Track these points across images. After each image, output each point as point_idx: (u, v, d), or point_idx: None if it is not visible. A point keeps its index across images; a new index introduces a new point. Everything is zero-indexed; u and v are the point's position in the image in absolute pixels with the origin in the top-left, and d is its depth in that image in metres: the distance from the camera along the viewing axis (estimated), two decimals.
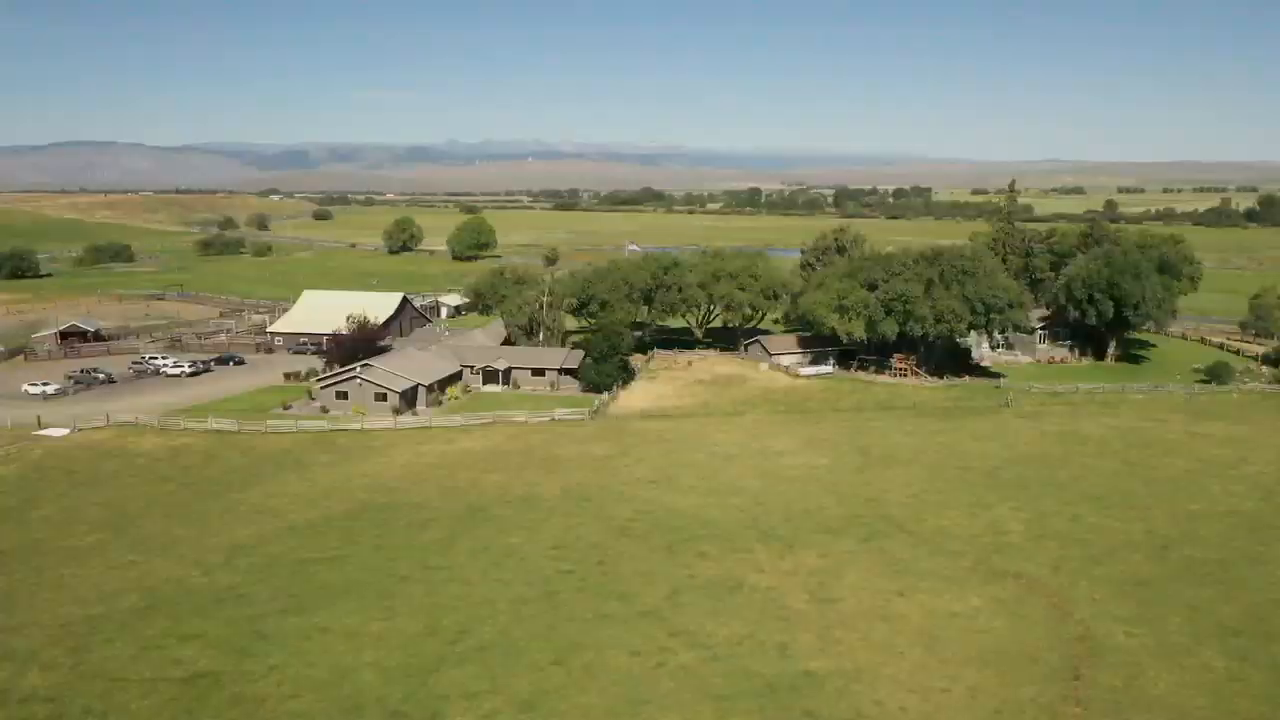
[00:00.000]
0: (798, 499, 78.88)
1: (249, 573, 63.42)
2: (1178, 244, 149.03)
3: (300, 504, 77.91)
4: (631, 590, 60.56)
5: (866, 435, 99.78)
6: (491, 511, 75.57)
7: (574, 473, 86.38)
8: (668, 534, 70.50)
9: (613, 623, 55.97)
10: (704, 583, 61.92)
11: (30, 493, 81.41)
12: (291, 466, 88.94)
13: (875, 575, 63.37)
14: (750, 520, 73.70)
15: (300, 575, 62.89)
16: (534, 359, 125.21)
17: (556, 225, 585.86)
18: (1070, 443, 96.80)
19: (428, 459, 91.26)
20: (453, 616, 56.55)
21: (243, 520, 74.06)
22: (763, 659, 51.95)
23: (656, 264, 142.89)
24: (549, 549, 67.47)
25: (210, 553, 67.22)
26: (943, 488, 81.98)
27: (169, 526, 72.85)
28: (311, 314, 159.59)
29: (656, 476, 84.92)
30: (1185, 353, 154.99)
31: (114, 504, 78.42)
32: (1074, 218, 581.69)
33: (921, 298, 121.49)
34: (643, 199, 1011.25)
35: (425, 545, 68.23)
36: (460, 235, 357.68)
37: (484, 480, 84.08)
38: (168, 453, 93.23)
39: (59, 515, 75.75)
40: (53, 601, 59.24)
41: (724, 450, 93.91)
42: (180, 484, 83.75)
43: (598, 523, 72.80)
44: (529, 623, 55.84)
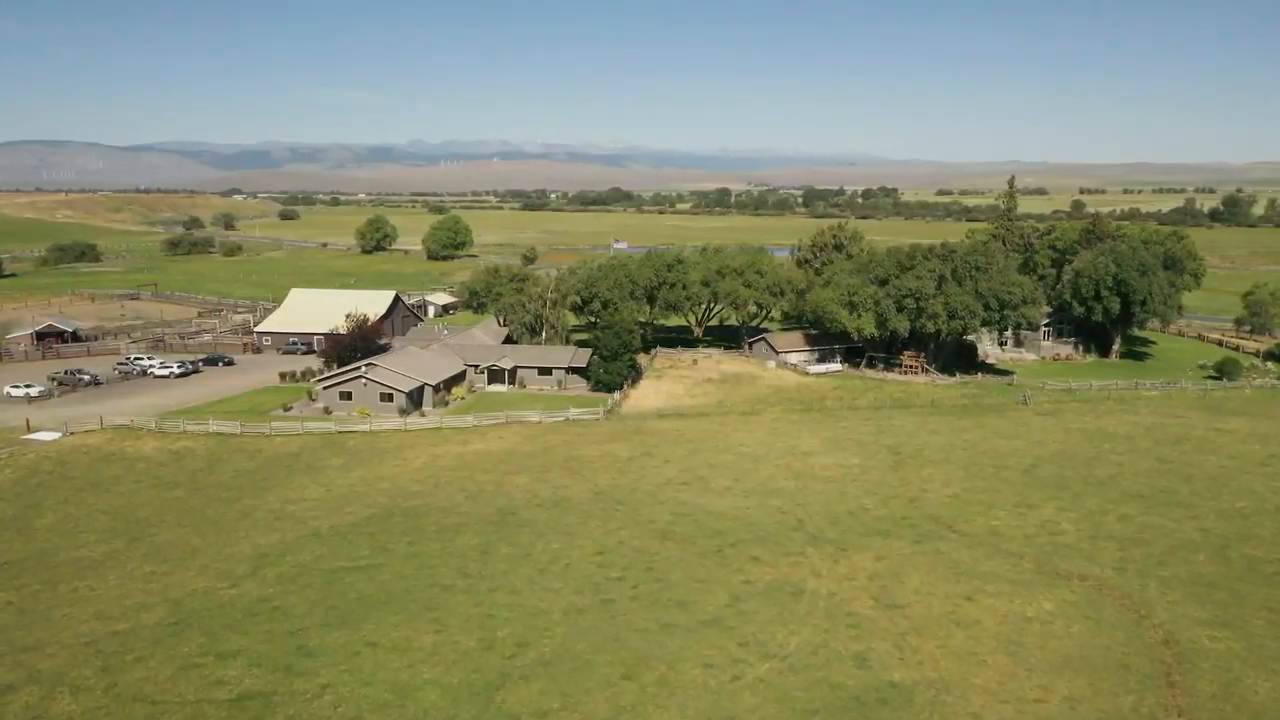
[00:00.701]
0: (837, 500, 76.40)
1: (279, 584, 59.69)
2: (1181, 240, 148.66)
3: (321, 509, 74.15)
4: (689, 598, 57.61)
5: (891, 434, 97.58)
6: (523, 515, 72.29)
7: (600, 474, 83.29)
8: (712, 538, 67.67)
9: (677, 633, 53.00)
10: (762, 589, 59.13)
11: (29, 500, 76.95)
12: (303, 470, 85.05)
13: (937, 579, 60.92)
14: (794, 522, 71.05)
15: (335, 586, 59.27)
16: (540, 358, 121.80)
17: (527, 225, 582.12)
18: (1097, 440, 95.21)
19: (444, 461, 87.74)
20: (507, 628, 53.27)
21: (262, 527, 70.20)
22: (842, 669, 49.24)
23: (660, 261, 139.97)
24: (593, 555, 64.35)
25: (234, 562, 63.38)
26: (983, 487, 79.87)
27: (185, 535, 68.83)
28: (300, 313, 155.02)
29: (687, 478, 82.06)
30: (1186, 350, 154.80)
31: (121, 511, 74.22)
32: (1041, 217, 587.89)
33: (934, 294, 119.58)
34: (611, 199, 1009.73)
35: (461, 552, 64.82)
36: (436, 234, 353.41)
37: (508, 483, 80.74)
38: (170, 457, 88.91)
39: (64, 524, 71.50)
40: (72, 617, 55.23)
41: (750, 450, 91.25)
42: (189, 489, 79.62)
43: (637, 527, 69.78)
44: (589, 634, 52.70)
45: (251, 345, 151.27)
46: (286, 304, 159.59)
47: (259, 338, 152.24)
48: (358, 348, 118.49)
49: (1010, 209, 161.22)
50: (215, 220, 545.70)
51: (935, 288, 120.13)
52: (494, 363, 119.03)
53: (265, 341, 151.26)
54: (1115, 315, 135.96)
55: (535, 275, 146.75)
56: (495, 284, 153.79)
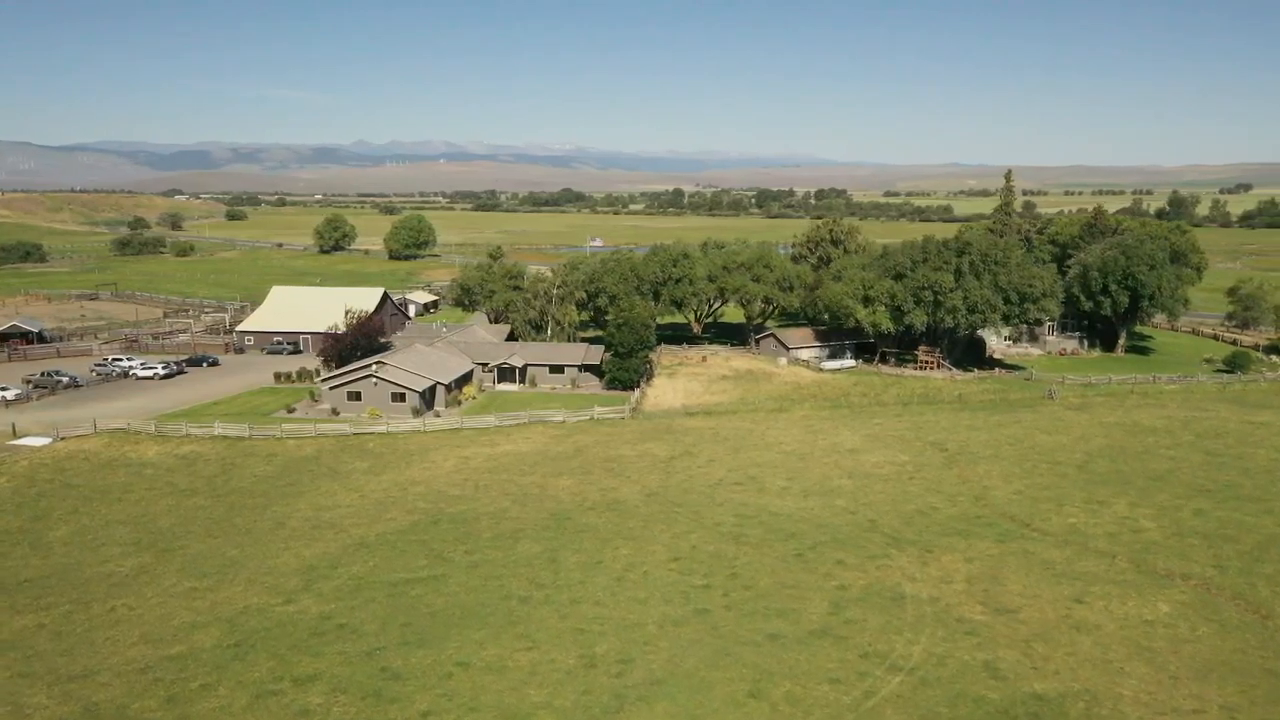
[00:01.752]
0: (902, 499, 73.10)
1: (339, 598, 54.62)
2: (1184, 234, 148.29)
3: (359, 516, 68.97)
4: (787, 606, 53.72)
5: (929, 430, 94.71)
6: (579, 520, 67.85)
7: (646, 475, 79.09)
8: (787, 541, 63.88)
9: (787, 644, 49.07)
10: (859, 594, 55.46)
11: (35, 511, 70.67)
12: (327, 475, 79.63)
13: (1037, 581, 57.78)
14: (866, 523, 67.54)
15: (401, 600, 54.37)
16: (552, 355, 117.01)
17: (484, 225, 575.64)
18: (1138, 435, 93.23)
19: (476, 463, 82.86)
20: (604, 644, 48.90)
21: (302, 537, 64.88)
22: (977, 681, 45.69)
23: (666, 256, 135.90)
24: (668, 561, 60.17)
25: (281, 576, 58.11)
26: (1044, 483, 77.11)
27: (218, 546, 63.28)
28: (283, 312, 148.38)
29: (739, 478, 78.18)
30: (1185, 345, 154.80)
31: (141, 521, 68.32)
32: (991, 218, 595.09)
33: (953, 287, 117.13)
34: (563, 199, 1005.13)
35: (526, 560, 60.23)
36: (398, 234, 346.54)
37: (552, 485, 76.19)
38: (178, 462, 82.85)
39: (81, 536, 65.50)
40: (117, 640, 49.67)
41: (792, 448, 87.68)
42: (209, 496, 73.84)
43: (704, 530, 65.72)
44: (695, 648, 48.53)
45: (233, 345, 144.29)
46: (268, 303, 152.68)
47: (241, 337, 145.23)
48: (359, 346, 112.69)
49: (1008, 204, 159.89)
50: (161, 220, 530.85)
51: (954, 281, 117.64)
52: (504, 361, 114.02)
53: (248, 341, 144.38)
54: (1124, 309, 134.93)
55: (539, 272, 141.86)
56: (489, 280, 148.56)
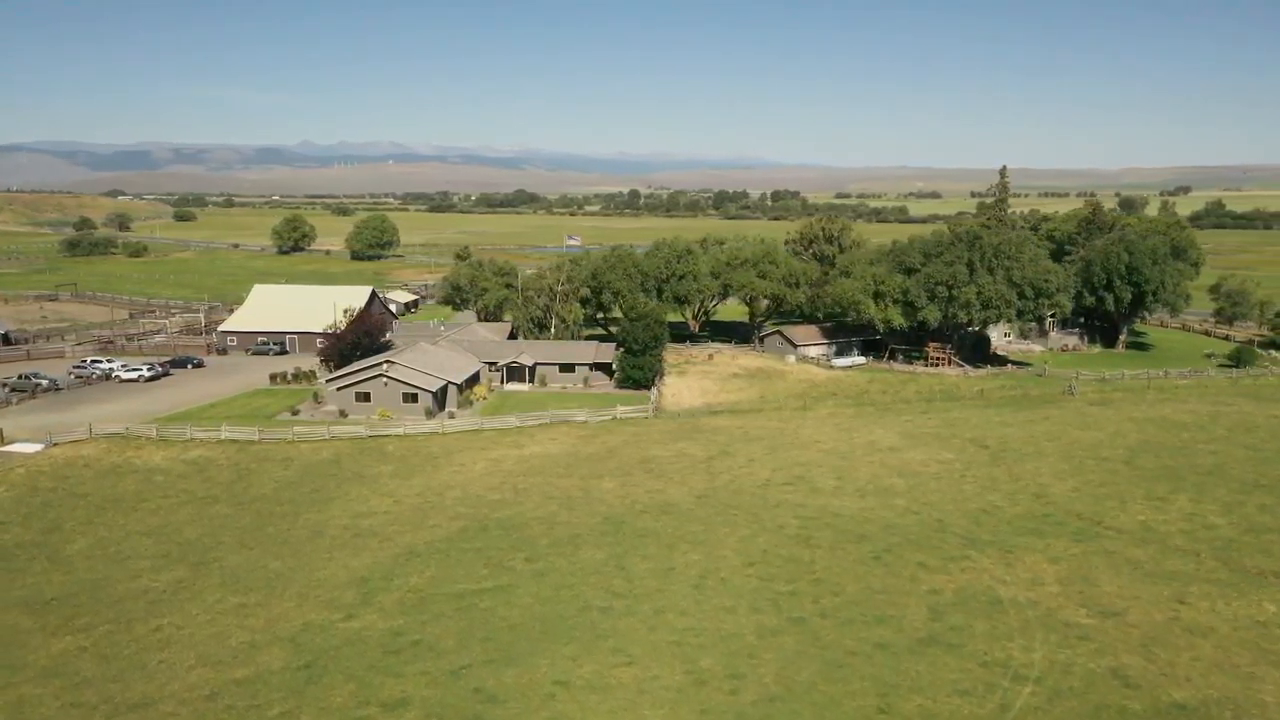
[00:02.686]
0: (961, 498, 70.55)
1: (405, 613, 50.52)
2: (1183, 229, 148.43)
3: (400, 523, 64.73)
4: (885, 613, 50.72)
5: (961, 427, 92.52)
6: (635, 524, 64.31)
7: (689, 476, 75.71)
8: (859, 543, 60.94)
9: (900, 654, 46.04)
10: (954, 599, 52.63)
11: (44, 522, 65.37)
12: (352, 480, 75.13)
13: (1129, 581, 55.41)
14: (934, 523, 64.87)
15: (472, 613, 50.43)
16: (562, 354, 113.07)
17: (442, 226, 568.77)
18: (1171, 430, 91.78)
19: (506, 465, 78.89)
20: (707, 658, 45.46)
21: (345, 546, 60.53)
22: (1111, 690, 43.03)
23: (669, 252, 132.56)
24: (744, 567, 56.90)
25: (333, 589, 53.82)
26: (1099, 480, 75.03)
27: (256, 558, 58.71)
28: (267, 311, 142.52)
29: (786, 478, 75.13)
30: (1179, 340, 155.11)
31: (164, 532, 63.39)
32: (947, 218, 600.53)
33: (967, 282, 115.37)
34: (517, 200, 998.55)
35: (594, 568, 56.59)
36: (361, 234, 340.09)
37: (595, 488, 72.51)
38: (188, 468, 77.76)
39: (102, 549, 60.47)
40: (172, 664, 45.14)
41: (830, 447, 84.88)
42: (232, 504, 69.00)
43: (770, 534, 62.55)
44: (803, 660, 45.31)
45: (215, 346, 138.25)
46: (250, 302, 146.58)
47: (223, 338, 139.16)
48: (360, 345, 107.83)
49: (1003, 200, 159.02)
50: (108, 221, 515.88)
51: (968, 275, 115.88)
52: (513, 359, 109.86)
53: (230, 342, 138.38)
54: (1127, 304, 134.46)
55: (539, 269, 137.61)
56: (481, 278, 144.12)
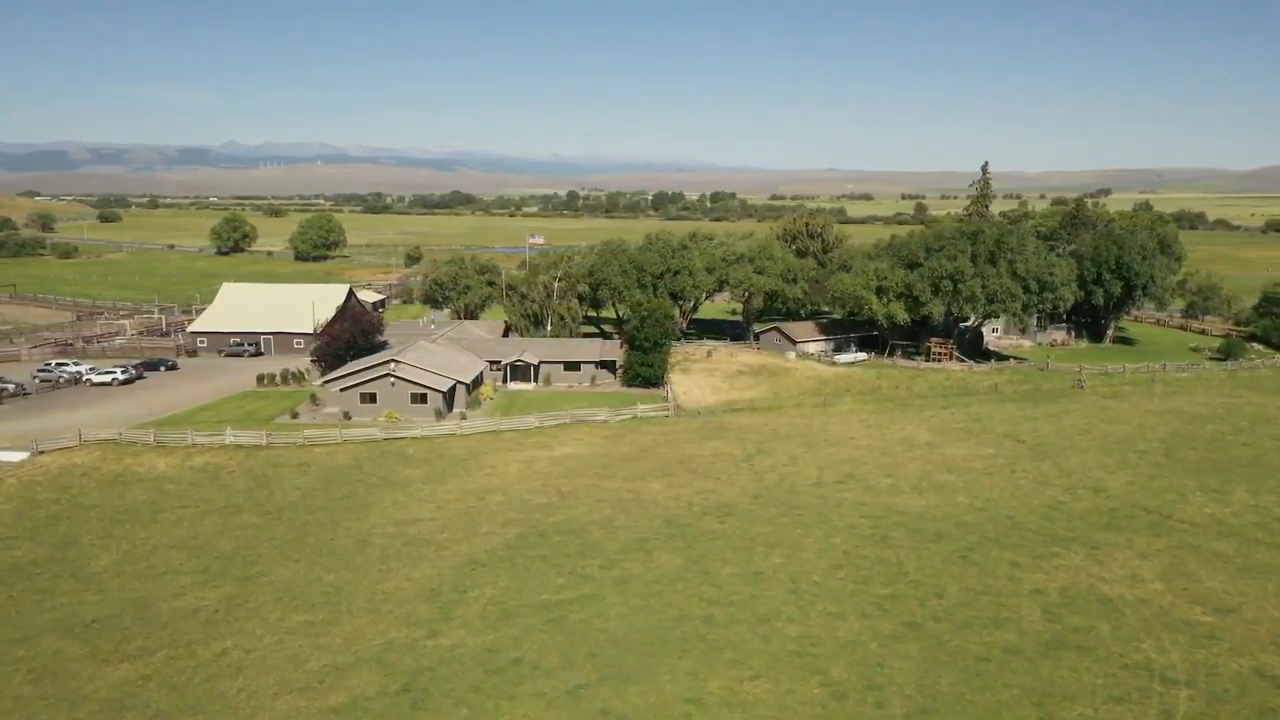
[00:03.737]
0: (1020, 493, 68.55)
1: (491, 628, 46.52)
2: (1166, 224, 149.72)
3: (451, 531, 60.53)
4: (999, 615, 48.19)
5: (989, 422, 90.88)
6: (699, 527, 61.01)
7: (735, 476, 72.61)
8: (938, 541, 58.47)
9: (1033, 659, 43.50)
10: (1061, 598, 50.32)
11: (57, 537, 59.75)
12: (381, 485, 70.51)
13: (1229, 576, 53.76)
14: (1005, 520, 62.71)
15: (563, 625, 46.64)
16: (567, 351, 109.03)
17: (383, 227, 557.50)
18: (1194, 422, 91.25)
19: (540, 467, 74.96)
20: (835, 668, 42.40)
21: (398, 557, 56.19)
22: (1267, 691, 41.04)
23: (665, 247, 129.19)
24: (831, 569, 53.98)
25: (404, 603, 49.55)
26: (1148, 473, 73.69)
27: (306, 571, 54.08)
28: (238, 311, 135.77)
29: (836, 476, 72.44)
30: (1159, 335, 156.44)
31: (194, 545, 58.29)
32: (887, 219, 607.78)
33: (973, 275, 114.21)
34: (453, 201, 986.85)
35: (675, 574, 53.17)
36: (306, 234, 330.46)
37: (643, 489, 68.99)
38: (199, 475, 72.32)
39: (130, 565, 55.24)
40: (254, 691, 40.59)
41: (866, 443, 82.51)
42: (259, 514, 63.97)
43: (844, 533, 59.76)
44: (937, 668, 42.51)
45: (184, 347, 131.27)
46: (220, 302, 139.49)
47: (193, 339, 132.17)
48: (356, 345, 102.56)
49: (985, 195, 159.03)
50: (30, 222, 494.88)
51: (973, 269, 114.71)
52: (518, 358, 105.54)
53: (201, 343, 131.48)
54: (1116, 298, 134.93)
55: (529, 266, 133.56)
56: (462, 276, 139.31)
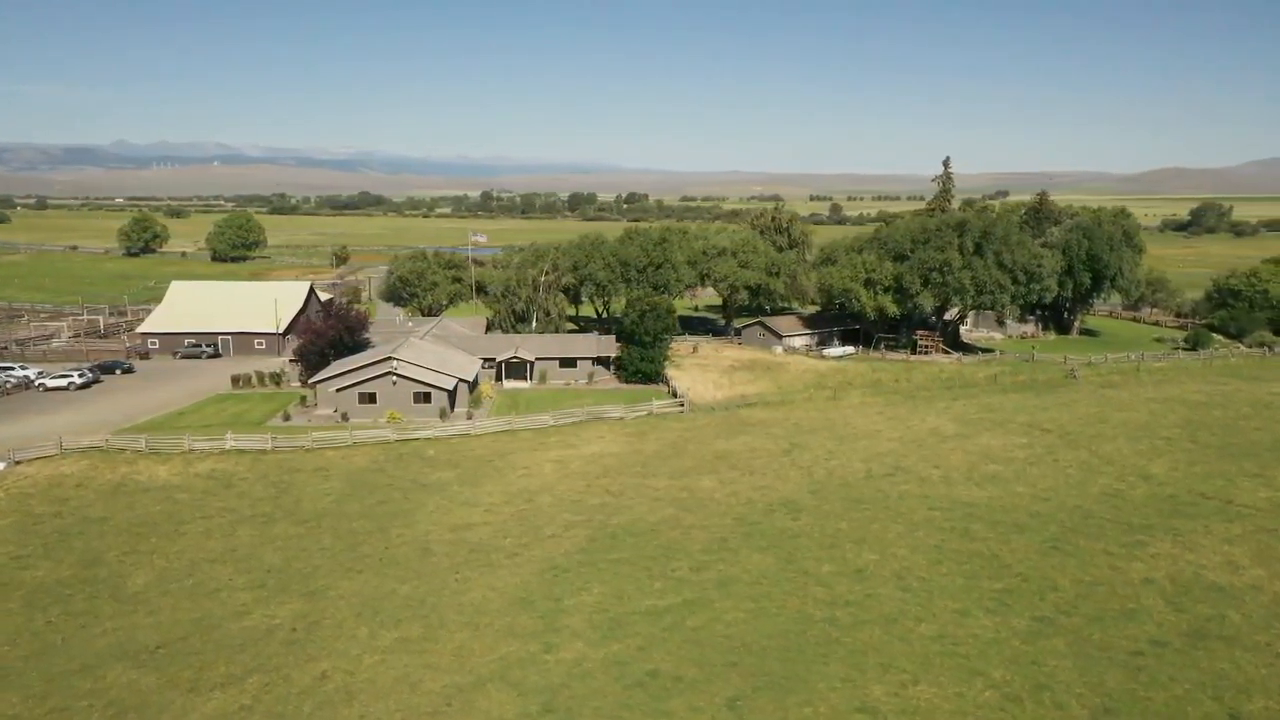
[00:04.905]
0: (1073, 483, 67.43)
1: (608, 639, 42.95)
2: (1128, 217, 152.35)
3: (514, 535, 56.56)
4: (1123, 606, 46.64)
5: (1005, 412, 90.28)
6: (772, 524, 58.25)
7: (782, 471, 70.02)
8: (1022, 533, 56.81)
9: (1183, 651, 42.01)
10: (1175, 587, 49.01)
11: (76, 554, 53.84)
12: (414, 489, 65.88)
13: None
14: (1074, 510, 61.38)
15: (683, 632, 43.36)
16: (562, 348, 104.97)
17: (293, 228, 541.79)
18: (1200, 408, 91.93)
19: (575, 467, 71.23)
20: (992, 669, 40.14)
21: (468, 564, 52.06)
22: None
23: (647, 240, 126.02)
24: (930, 565, 51.79)
25: (498, 614, 45.63)
26: (1186, 458, 73.45)
27: (374, 583, 49.54)
28: (191, 311, 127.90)
29: (885, 469, 70.41)
30: (1120, 328, 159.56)
31: (236, 558, 53.12)
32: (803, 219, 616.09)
33: (962, 267, 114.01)
34: (362, 203, 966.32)
35: (773, 574, 50.35)
36: (224, 234, 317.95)
37: (697, 487, 65.87)
38: (210, 483, 66.59)
39: (175, 582, 49.97)
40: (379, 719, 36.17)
41: (896, 435, 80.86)
42: (295, 523, 58.87)
43: (926, 528, 57.67)
44: (1099, 666, 40.64)
45: (135, 349, 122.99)
46: (170, 301, 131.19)
47: (144, 340, 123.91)
48: (341, 343, 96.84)
49: (947, 190, 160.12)
50: None
51: (962, 261, 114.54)
52: (514, 355, 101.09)
53: (152, 344, 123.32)
54: (1086, 290, 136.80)
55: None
56: (428, 272, 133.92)
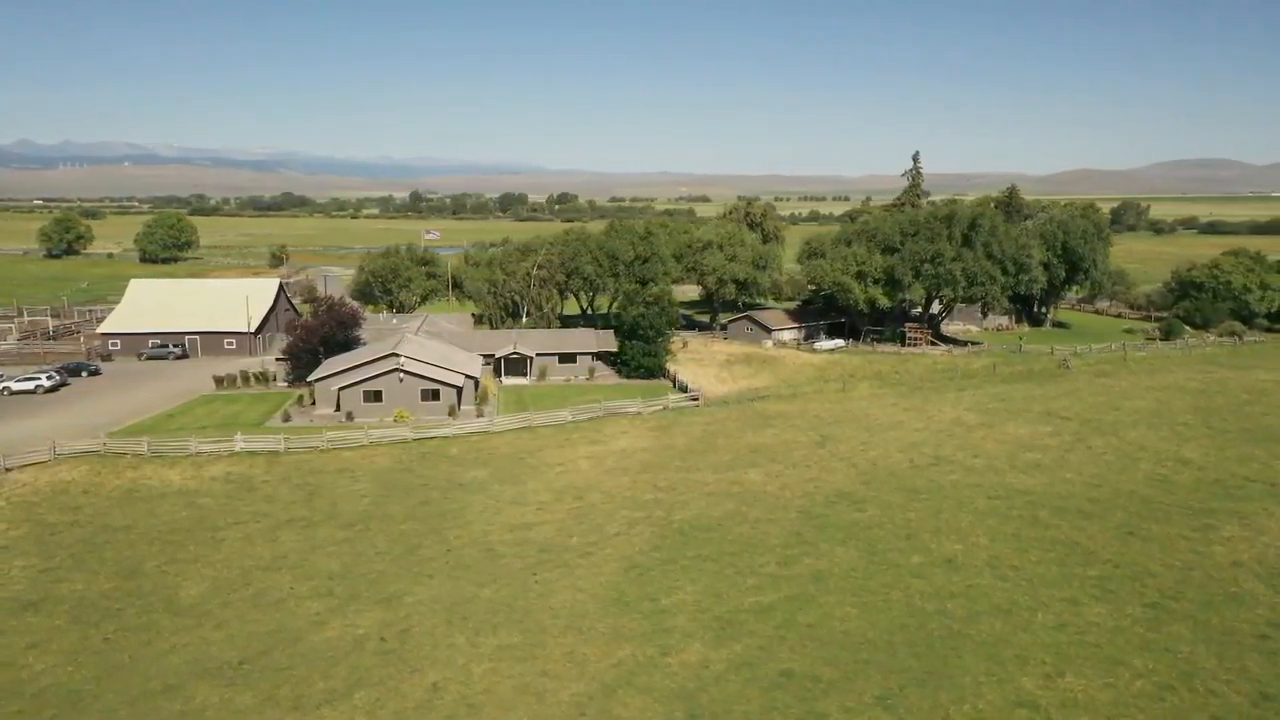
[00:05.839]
0: (1115, 469, 66.86)
1: (723, 640, 40.73)
2: (1097, 211, 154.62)
3: (578, 534, 53.90)
4: (1227, 590, 45.79)
5: (1019, 401, 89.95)
6: (841, 517, 56.56)
7: (823, 463, 68.40)
8: (1088, 519, 55.99)
9: None
10: (1264, 570, 48.33)
11: (111, 565, 49.68)
12: (454, 488, 62.69)
13: None
14: (1130, 495, 60.84)
15: (800, 631, 41.33)
16: (561, 343, 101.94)
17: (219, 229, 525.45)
18: (1202, 395, 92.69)
19: (611, 463, 68.81)
20: (1131, 658, 38.89)
21: (541, 566, 49.35)
22: None
23: (633, 233, 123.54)
24: (1016, 552, 50.62)
25: (592, 617, 43.09)
26: (1214, 443, 73.66)
27: (448, 587, 46.47)
28: (154, 310, 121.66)
29: (927, 459, 69.23)
30: (1089, 320, 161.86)
31: (289, 565, 49.60)
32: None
33: (954, 258, 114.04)
34: (285, 204, 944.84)
35: (863, 568, 48.63)
36: (154, 234, 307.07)
37: (746, 481, 63.91)
38: (231, 487, 62.60)
39: (233, 592, 46.33)
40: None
41: (921, 425, 79.95)
42: (338, 526, 55.32)
43: (993, 516, 56.53)
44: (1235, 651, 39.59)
45: (95, 351, 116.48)
46: (130, 300, 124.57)
47: (105, 341, 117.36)
48: (335, 340, 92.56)
49: (916, 185, 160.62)
50: None
51: (954, 251, 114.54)
52: (513, 350, 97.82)
53: (114, 345, 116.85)
54: (1060, 282, 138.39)
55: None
56: (402, 268, 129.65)
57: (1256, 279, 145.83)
